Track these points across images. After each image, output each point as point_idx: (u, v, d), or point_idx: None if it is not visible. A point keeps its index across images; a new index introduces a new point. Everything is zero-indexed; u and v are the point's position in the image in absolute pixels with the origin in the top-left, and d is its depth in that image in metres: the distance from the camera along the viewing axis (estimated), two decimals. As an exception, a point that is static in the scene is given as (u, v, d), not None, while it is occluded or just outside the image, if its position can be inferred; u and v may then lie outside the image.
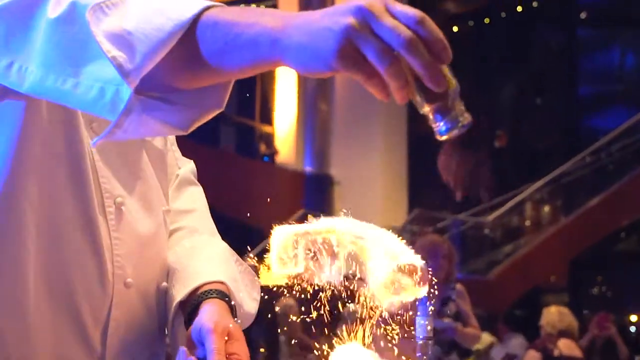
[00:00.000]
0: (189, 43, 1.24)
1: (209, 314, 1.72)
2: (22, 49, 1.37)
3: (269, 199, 13.14)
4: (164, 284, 1.84)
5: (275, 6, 15.88)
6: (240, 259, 1.92)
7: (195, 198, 2.07)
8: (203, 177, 2.10)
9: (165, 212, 1.88)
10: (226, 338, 1.65)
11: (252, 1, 15.32)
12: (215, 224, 2.06)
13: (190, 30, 1.24)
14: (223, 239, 2.02)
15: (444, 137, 1.16)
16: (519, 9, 16.62)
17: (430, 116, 1.15)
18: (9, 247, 1.62)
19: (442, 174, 15.38)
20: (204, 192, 2.06)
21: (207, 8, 1.25)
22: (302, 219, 1.45)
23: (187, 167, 2.06)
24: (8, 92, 1.44)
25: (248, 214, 12.85)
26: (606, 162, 14.93)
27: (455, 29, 16.82)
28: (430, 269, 1.37)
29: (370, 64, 1.12)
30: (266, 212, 14.16)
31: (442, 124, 1.15)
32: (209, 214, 2.06)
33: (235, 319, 1.74)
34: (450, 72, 1.15)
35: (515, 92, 18.81)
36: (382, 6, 1.13)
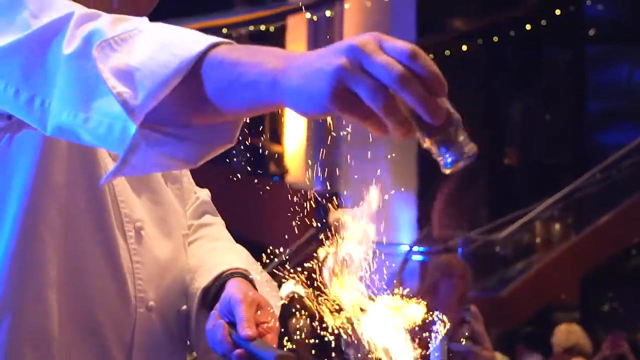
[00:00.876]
0: (194, 80, 1.24)
1: (236, 287, 1.75)
2: (41, 83, 1.37)
3: (279, 218, 13.12)
4: (184, 307, 1.85)
5: (284, 28, 15.94)
6: (261, 267, 1.96)
7: (214, 217, 2.11)
8: (212, 197, 2.12)
9: (185, 236, 1.90)
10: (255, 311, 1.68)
11: (264, 22, 15.35)
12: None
13: (196, 68, 1.24)
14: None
15: (450, 170, 1.13)
16: (528, 27, 16.62)
17: (434, 150, 1.12)
18: (32, 276, 1.63)
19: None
20: None
21: (214, 45, 1.25)
22: (312, 239, 1.46)
23: (206, 192, 2.10)
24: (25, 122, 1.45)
25: (258, 233, 12.84)
26: (617, 178, 14.88)
27: (464, 47, 16.82)
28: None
29: (365, 104, 1.10)
30: (276, 231, 14.16)
31: (446, 156, 1.12)
32: (226, 230, 2.10)
33: None
34: (449, 103, 1.12)
35: (525, 109, 18.79)
36: (375, 43, 1.11)
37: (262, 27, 15.46)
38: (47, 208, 1.64)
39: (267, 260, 2.09)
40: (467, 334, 5.48)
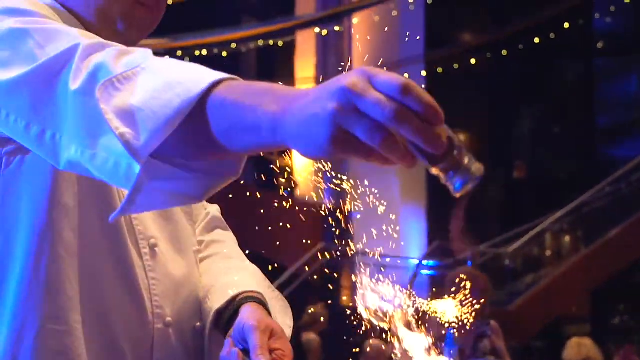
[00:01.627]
0: (196, 120, 1.25)
1: (251, 313, 1.76)
2: (51, 117, 1.38)
3: (287, 231, 13.12)
4: (199, 324, 1.86)
5: (293, 43, 15.95)
6: (272, 285, 1.96)
7: (226, 234, 2.11)
8: (221, 211, 2.13)
9: (196, 253, 1.92)
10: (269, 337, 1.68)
11: (273, 37, 15.37)
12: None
13: (198, 108, 1.24)
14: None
15: (460, 194, 1.13)
16: (536, 40, 16.63)
17: (441, 176, 1.12)
18: (50, 296, 1.63)
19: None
20: None
21: (216, 83, 1.25)
22: (321, 252, 1.47)
23: (217, 208, 2.10)
24: None
25: (267, 247, 12.82)
26: (626, 191, 14.86)
27: (473, 61, 16.84)
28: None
29: (365, 143, 1.10)
30: (285, 245, 14.18)
31: (454, 182, 1.12)
32: (238, 247, 2.10)
33: None
34: (449, 128, 1.12)
35: (534, 122, 18.79)
36: (365, 81, 1.11)
37: (271, 42, 15.49)
38: (61, 228, 1.65)
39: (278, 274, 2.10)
40: (486, 348, 5.40)
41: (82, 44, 1.39)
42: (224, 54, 15.25)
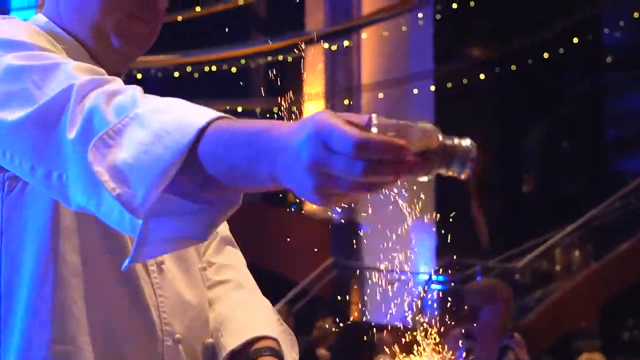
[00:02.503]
0: (191, 165, 1.26)
1: None
2: (55, 159, 1.40)
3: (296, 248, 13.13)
4: (209, 340, 1.87)
5: (301, 58, 15.97)
6: (280, 318, 1.98)
7: (236, 256, 2.12)
8: (230, 226, 2.13)
9: (201, 270, 1.92)
10: None
11: (282, 52, 15.39)
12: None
13: (191, 153, 1.26)
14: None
15: (464, 177, 1.14)
16: (545, 55, 16.63)
17: (441, 172, 1.14)
18: (58, 318, 1.64)
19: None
20: None
21: (205, 127, 1.26)
22: (330, 268, 1.48)
23: (224, 226, 2.09)
24: None
25: (275, 262, 12.84)
26: (636, 205, 14.82)
27: (482, 75, 16.85)
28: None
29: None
30: (295, 260, 14.17)
31: (453, 170, 1.13)
32: (248, 271, 2.10)
33: None
34: (422, 126, 1.12)
35: (543, 136, 18.77)
36: (324, 150, 1.11)
37: (280, 58, 15.51)
38: (64, 251, 1.65)
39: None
40: None
41: (76, 85, 1.40)
42: (233, 69, 15.29)
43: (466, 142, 1.14)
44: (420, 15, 15.53)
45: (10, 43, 1.56)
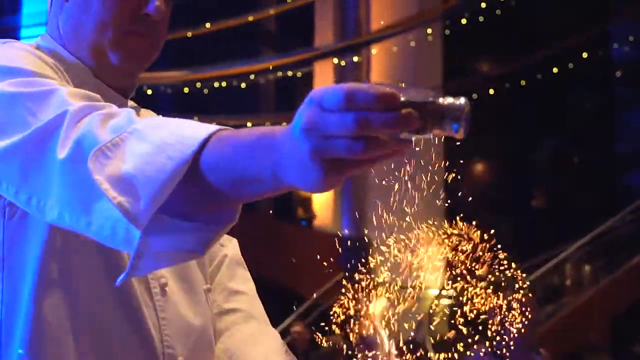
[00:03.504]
0: (192, 177, 1.26)
1: None
2: (38, 185, 1.40)
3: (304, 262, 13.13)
4: None
5: (311, 74, 15.99)
6: (288, 348, 1.98)
7: (247, 280, 2.09)
8: (241, 242, 2.12)
9: (206, 291, 1.91)
10: None
11: (291, 68, 15.41)
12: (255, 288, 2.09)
13: (192, 166, 1.25)
14: (262, 302, 2.05)
15: (462, 134, 1.11)
16: (555, 70, 16.64)
17: (435, 133, 1.11)
18: (55, 343, 1.64)
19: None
20: (242, 255, 2.08)
21: (207, 139, 1.26)
22: (340, 283, 1.49)
23: (234, 245, 2.09)
24: None
25: (286, 277, 12.83)
26: (647, 219, 14.81)
27: (491, 91, 16.86)
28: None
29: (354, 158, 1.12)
30: (305, 275, 14.17)
31: (448, 129, 1.11)
32: (258, 298, 2.08)
33: None
34: (410, 89, 1.11)
35: (553, 151, 18.77)
36: (315, 108, 1.12)
37: (290, 73, 15.55)
38: (63, 275, 1.65)
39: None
40: None
41: (70, 111, 1.40)
42: (243, 85, 15.32)
43: (460, 100, 1.11)
44: (429, 30, 15.55)
45: (5, 70, 1.56)
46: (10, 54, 1.64)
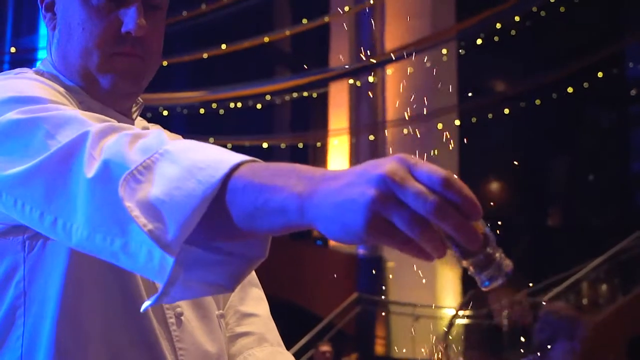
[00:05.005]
0: (220, 204, 1.24)
1: None
2: (64, 206, 1.37)
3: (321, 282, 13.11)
4: None
5: (326, 94, 16.03)
6: None
7: (259, 302, 2.08)
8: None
9: (219, 317, 1.90)
10: None
11: (307, 88, 15.45)
12: (270, 308, 2.09)
13: (221, 191, 1.23)
14: (277, 322, 2.05)
15: (488, 288, 1.13)
16: (570, 89, 16.63)
17: (471, 270, 1.12)
18: None
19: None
20: (257, 274, 2.07)
21: (237, 167, 1.24)
22: (355, 302, 1.48)
23: None
24: None
25: (301, 297, 12.82)
26: (663, 238, 14.76)
27: (506, 110, 16.86)
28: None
29: (402, 232, 1.09)
30: (320, 295, 14.16)
31: (482, 277, 1.12)
32: (272, 320, 2.07)
33: None
34: (484, 224, 1.11)
35: (568, 170, 18.75)
36: (405, 170, 1.09)
37: (305, 94, 15.59)
38: (83, 306, 1.64)
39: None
40: None
41: (92, 130, 1.38)
42: (259, 106, 15.37)
43: (507, 260, 1.12)
44: (444, 51, 15.58)
45: (20, 99, 1.55)
46: (22, 85, 1.63)
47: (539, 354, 4.49)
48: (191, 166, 1.26)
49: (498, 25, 15.15)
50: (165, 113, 14.67)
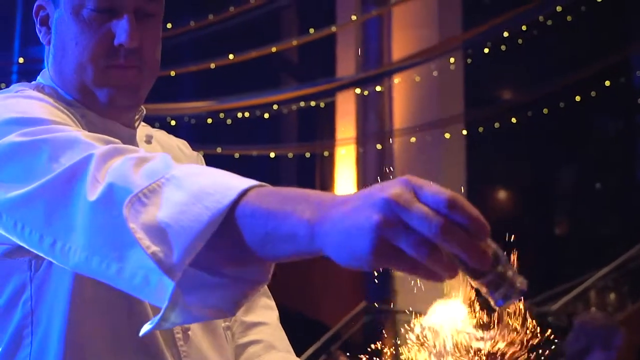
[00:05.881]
0: (227, 230, 1.22)
1: None
2: (64, 228, 1.36)
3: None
4: None
5: (334, 105, 16.03)
6: None
7: (267, 310, 2.08)
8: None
9: (225, 329, 1.90)
10: None
11: (314, 98, 15.46)
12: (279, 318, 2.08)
13: (228, 218, 1.22)
14: (286, 332, 2.05)
15: (497, 307, 1.11)
16: (577, 98, 16.61)
17: (483, 290, 1.10)
18: None
19: None
20: None
21: (245, 192, 1.22)
22: (364, 312, 1.47)
23: None
24: None
25: (309, 307, 12.79)
26: (671, 246, 14.73)
27: (513, 119, 16.85)
28: None
29: (410, 255, 1.08)
30: (328, 304, 14.14)
31: (496, 296, 1.10)
32: (281, 328, 2.06)
33: None
34: (493, 242, 1.09)
35: (576, 179, 18.72)
36: (410, 193, 1.08)
37: (312, 103, 15.59)
38: (89, 324, 1.65)
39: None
40: None
41: (95, 153, 1.37)
42: (266, 115, 15.37)
43: (521, 277, 1.11)
44: (451, 60, 15.58)
45: (22, 120, 1.53)
46: (24, 105, 1.61)
47: None
48: (198, 191, 1.24)
49: (505, 34, 15.16)
50: (172, 123, 14.68)
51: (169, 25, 11.13)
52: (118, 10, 1.74)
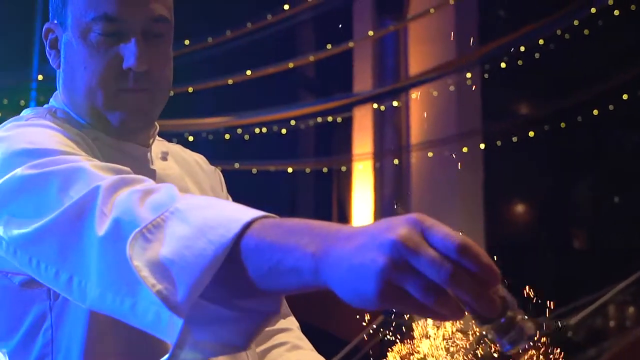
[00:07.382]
0: (232, 263, 1.22)
1: None
2: (79, 263, 1.37)
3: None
4: None
5: (351, 120, 16.05)
6: None
7: (290, 321, 2.11)
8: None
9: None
10: None
11: (331, 113, 15.49)
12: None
13: (234, 250, 1.22)
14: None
15: (506, 352, 1.10)
16: (595, 112, 16.59)
17: (491, 335, 1.10)
18: None
19: None
20: None
21: (249, 224, 1.22)
22: (382, 326, 1.47)
23: None
24: None
25: (325, 321, 12.78)
26: (690, 260, 14.64)
27: (531, 133, 16.84)
28: None
29: (416, 297, 1.07)
30: (345, 318, 14.13)
31: (504, 342, 1.09)
32: (304, 337, 2.09)
33: None
34: (503, 288, 1.09)
35: (593, 193, 18.68)
36: (419, 235, 1.07)
37: (329, 119, 15.62)
38: (107, 351, 1.66)
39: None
40: None
41: (102, 186, 1.38)
42: (283, 131, 15.40)
43: (530, 322, 1.09)
44: (468, 75, 15.59)
45: (31, 152, 1.54)
46: (33, 135, 1.62)
47: None
48: (202, 225, 1.24)
49: (522, 49, 15.15)
50: (190, 139, 14.73)
51: (186, 42, 11.21)
52: (125, 33, 1.74)
